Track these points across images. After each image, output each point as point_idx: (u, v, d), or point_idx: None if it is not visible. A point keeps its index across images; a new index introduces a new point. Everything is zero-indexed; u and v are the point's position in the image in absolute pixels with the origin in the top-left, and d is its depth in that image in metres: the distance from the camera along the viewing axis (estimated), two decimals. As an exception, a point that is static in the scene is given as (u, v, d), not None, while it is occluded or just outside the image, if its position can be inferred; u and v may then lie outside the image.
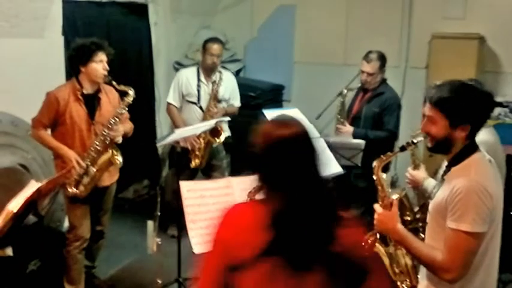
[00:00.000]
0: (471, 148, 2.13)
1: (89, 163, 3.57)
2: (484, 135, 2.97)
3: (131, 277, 4.25)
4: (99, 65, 3.57)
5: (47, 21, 4.43)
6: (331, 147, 3.60)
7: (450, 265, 1.98)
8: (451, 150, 2.14)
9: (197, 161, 4.59)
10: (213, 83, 4.63)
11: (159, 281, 3.55)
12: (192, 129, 4.28)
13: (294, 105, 5.21)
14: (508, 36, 5.08)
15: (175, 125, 4.72)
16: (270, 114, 3.83)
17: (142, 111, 5.33)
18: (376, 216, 2.22)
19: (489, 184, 2.03)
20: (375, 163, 2.53)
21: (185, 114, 4.75)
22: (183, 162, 4.51)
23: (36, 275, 2.98)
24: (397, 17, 5.62)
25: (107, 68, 3.60)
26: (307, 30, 6.11)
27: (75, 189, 3.57)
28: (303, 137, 1.68)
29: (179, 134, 4.08)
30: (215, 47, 4.64)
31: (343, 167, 3.57)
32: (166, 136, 4.13)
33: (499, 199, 2.09)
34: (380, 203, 2.34)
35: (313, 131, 3.84)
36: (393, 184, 5.16)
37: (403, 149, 2.47)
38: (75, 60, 3.60)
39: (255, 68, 6.36)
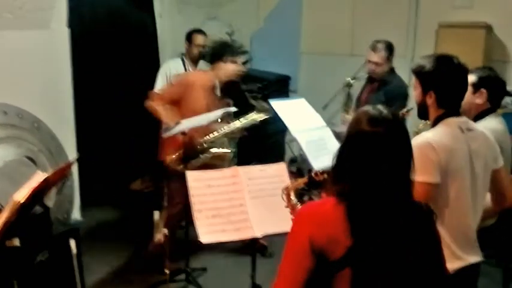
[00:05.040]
0: (442, 117, 2.29)
1: (207, 146, 3.84)
2: (493, 124, 2.97)
3: (138, 267, 4.27)
4: (236, 66, 4.00)
5: (52, 13, 4.42)
6: (338, 136, 3.60)
7: None
8: (428, 117, 2.33)
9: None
10: None
11: (167, 271, 3.55)
12: (198, 119, 4.28)
13: (300, 95, 5.18)
14: (515, 25, 5.03)
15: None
16: (277, 104, 3.83)
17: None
18: None
19: (436, 139, 2.19)
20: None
21: None
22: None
23: (44, 265, 3.00)
24: (404, 7, 5.57)
25: (243, 70, 4.10)
26: (313, 21, 6.08)
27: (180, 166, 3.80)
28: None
29: (186, 124, 4.07)
30: (201, 38, 4.94)
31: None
32: (173, 127, 4.12)
33: (454, 154, 2.20)
34: None
35: (320, 121, 3.86)
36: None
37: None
38: (220, 55, 3.94)
39: (261, 59, 6.34)
